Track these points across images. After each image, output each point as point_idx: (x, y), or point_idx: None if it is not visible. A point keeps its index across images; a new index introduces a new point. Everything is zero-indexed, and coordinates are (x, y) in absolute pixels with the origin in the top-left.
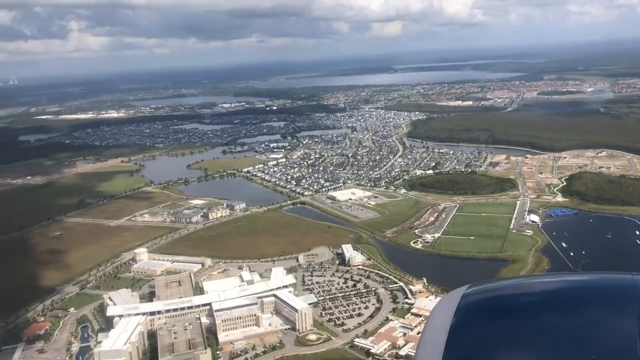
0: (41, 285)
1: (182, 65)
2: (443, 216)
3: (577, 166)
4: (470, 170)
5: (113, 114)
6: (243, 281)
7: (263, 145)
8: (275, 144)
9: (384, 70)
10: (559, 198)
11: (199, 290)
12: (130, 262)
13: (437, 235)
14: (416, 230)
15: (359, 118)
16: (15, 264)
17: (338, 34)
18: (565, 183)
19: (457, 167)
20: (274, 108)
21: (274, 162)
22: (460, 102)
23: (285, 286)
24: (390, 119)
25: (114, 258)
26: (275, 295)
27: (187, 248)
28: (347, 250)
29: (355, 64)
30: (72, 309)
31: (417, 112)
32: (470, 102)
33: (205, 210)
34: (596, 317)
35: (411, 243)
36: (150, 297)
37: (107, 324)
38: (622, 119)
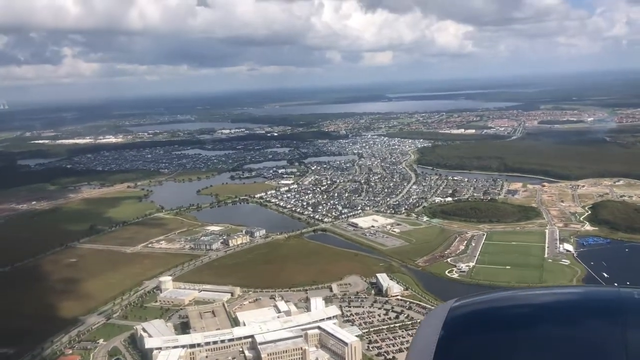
0: (64, 315)
1: (173, 91)
2: (473, 244)
3: (598, 195)
4: (489, 197)
5: (111, 139)
6: (280, 312)
7: (271, 171)
8: (283, 170)
9: (378, 99)
10: (588, 227)
11: (233, 321)
12: (155, 290)
13: (471, 264)
14: (449, 259)
15: (364, 145)
16: (33, 293)
17: (330, 63)
18: (590, 212)
19: (475, 194)
20: (275, 134)
21: (286, 188)
22: (463, 130)
23: (329, 318)
24: (396, 146)
25: (137, 286)
26: (319, 328)
27: (211, 276)
28: (383, 279)
29: (348, 92)
30: (101, 341)
31: (421, 140)
32: (473, 131)
33: (225, 237)
34: (582, 331)
35: (446, 272)
36: (183, 328)
37: (142, 357)
38: (630, 149)
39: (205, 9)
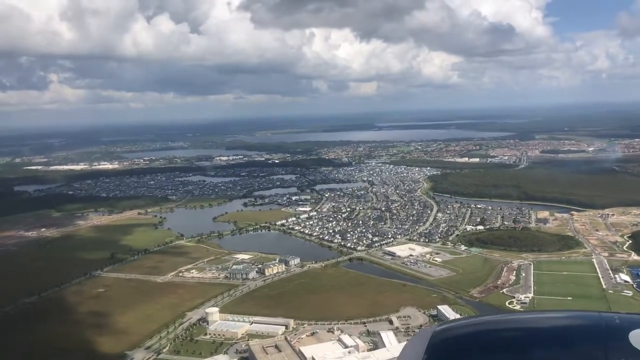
0: (108, 350)
1: (158, 119)
2: (523, 275)
3: (631, 224)
4: (521, 226)
5: (107, 166)
6: (347, 346)
7: (284, 198)
8: (297, 197)
9: (367, 128)
10: (635, 256)
11: (298, 356)
12: (201, 323)
13: (529, 295)
14: (504, 290)
15: (371, 172)
16: (69, 325)
17: (316, 92)
18: (631, 241)
19: (505, 223)
20: (276, 161)
21: (305, 215)
22: (467, 158)
23: None
24: (404, 174)
25: (179, 318)
26: None
27: (256, 307)
28: (447, 311)
29: (334, 121)
30: None
31: (428, 168)
32: (478, 159)
33: (259, 266)
34: (565, 356)
35: (507, 304)
36: None
37: None
38: None
39: (198, 37)
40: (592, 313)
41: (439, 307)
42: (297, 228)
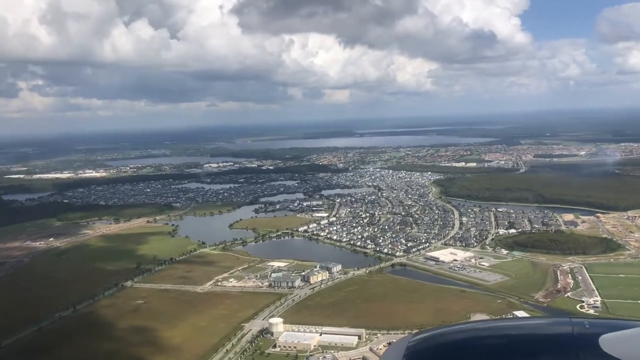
0: None
1: (128, 127)
2: (580, 278)
3: None
4: (553, 229)
5: (93, 174)
6: None
7: (296, 204)
8: (308, 203)
9: (348, 135)
10: None
11: None
12: (264, 334)
13: (597, 299)
14: (569, 294)
15: (373, 178)
16: (115, 341)
17: (290, 100)
18: None
19: (535, 226)
20: (271, 168)
21: (326, 221)
22: (464, 163)
23: None
24: (406, 179)
25: (237, 331)
26: None
27: (316, 317)
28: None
29: (308, 128)
30: None
31: (429, 173)
32: (475, 164)
33: (303, 273)
34: None
35: (577, 307)
36: None
37: None
38: None
39: (179, 43)
40: (563, 319)
41: (515, 312)
42: (322, 234)
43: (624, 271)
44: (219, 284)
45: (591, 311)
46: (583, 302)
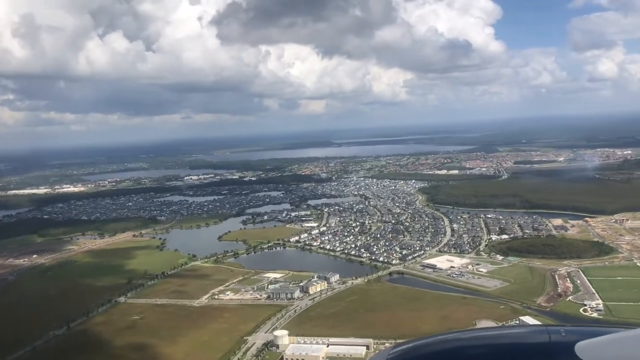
0: None
1: (102, 141)
2: (578, 282)
3: None
4: (545, 234)
5: (72, 189)
6: None
7: (284, 215)
8: (296, 213)
9: (326, 145)
10: None
11: None
12: (270, 347)
13: (599, 302)
14: (570, 298)
15: (358, 187)
16: (119, 358)
17: (266, 111)
18: None
19: (526, 231)
20: (253, 179)
21: (316, 231)
22: (446, 171)
23: None
24: (391, 187)
25: (240, 344)
26: None
27: (320, 328)
28: (530, 322)
29: (285, 139)
30: None
31: (413, 181)
32: (457, 171)
33: (302, 284)
34: None
35: (581, 311)
36: None
37: None
38: (631, 184)
39: (154, 55)
40: (539, 327)
41: (521, 317)
42: (315, 244)
43: (620, 274)
44: (216, 297)
45: (595, 314)
46: (585, 305)
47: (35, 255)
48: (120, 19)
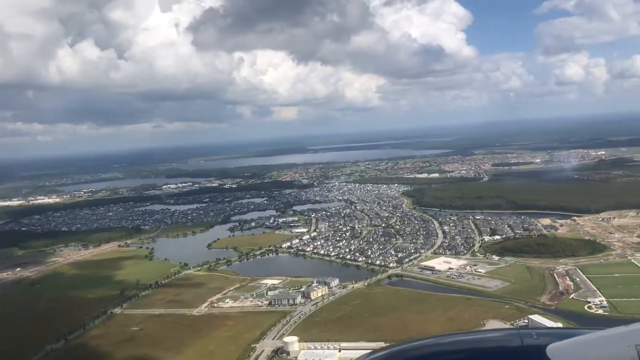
0: None
1: (70, 152)
2: (578, 280)
3: (638, 225)
4: (536, 234)
5: (46, 200)
6: None
7: (271, 221)
8: (284, 219)
9: (302, 151)
10: None
11: None
12: (280, 354)
13: (602, 299)
14: (572, 296)
15: (342, 192)
16: None
17: (239, 119)
18: None
19: (517, 231)
20: (234, 186)
21: (308, 236)
22: (426, 174)
23: None
24: (375, 192)
25: (249, 352)
26: None
27: (328, 333)
28: (540, 320)
29: (258, 147)
30: None
31: (396, 185)
32: (437, 175)
33: (302, 289)
34: None
35: (586, 308)
36: None
37: None
38: (608, 183)
39: (127, 63)
40: (511, 331)
41: (530, 316)
42: (308, 249)
43: (617, 271)
44: (215, 305)
45: (600, 311)
46: (589, 302)
47: (19, 269)
48: (90, 27)
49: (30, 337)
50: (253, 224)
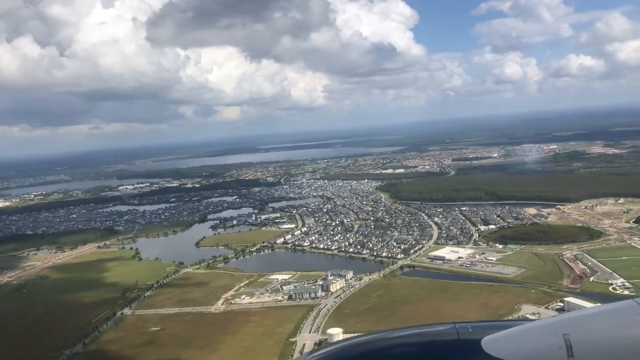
0: None
1: (3, 155)
2: (589, 263)
3: (621, 212)
4: (528, 223)
5: None
6: None
7: (253, 218)
8: (267, 216)
9: (252, 151)
10: None
11: None
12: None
13: (623, 281)
14: (592, 278)
15: (314, 188)
16: None
17: (180, 119)
18: None
19: (508, 221)
20: (197, 186)
21: (299, 232)
22: (392, 170)
23: None
24: (348, 187)
25: (289, 346)
26: None
27: (363, 324)
28: (577, 302)
29: (202, 147)
30: None
31: (366, 180)
32: (402, 170)
33: (321, 283)
34: None
35: (610, 289)
36: None
37: None
38: (574, 174)
39: (69, 61)
40: (447, 325)
41: (565, 299)
42: (305, 244)
43: (623, 254)
44: (232, 302)
45: (626, 292)
46: (612, 284)
47: None
48: (27, 23)
49: (39, 342)
50: (235, 221)
